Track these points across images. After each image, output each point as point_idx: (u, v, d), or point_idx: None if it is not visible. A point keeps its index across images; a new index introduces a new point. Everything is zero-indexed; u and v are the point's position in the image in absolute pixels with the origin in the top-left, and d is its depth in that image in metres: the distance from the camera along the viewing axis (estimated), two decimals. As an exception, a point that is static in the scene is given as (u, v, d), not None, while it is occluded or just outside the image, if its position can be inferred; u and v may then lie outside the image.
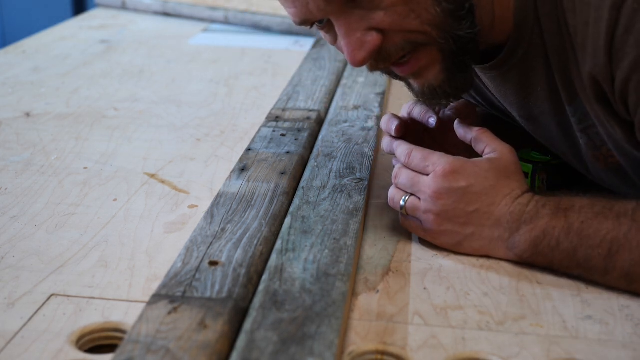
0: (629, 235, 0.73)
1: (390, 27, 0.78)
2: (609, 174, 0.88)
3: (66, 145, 1.15)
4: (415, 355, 0.65)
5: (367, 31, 0.78)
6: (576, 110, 0.82)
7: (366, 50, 0.79)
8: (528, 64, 0.83)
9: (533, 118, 0.88)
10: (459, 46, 0.79)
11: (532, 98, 0.86)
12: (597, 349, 0.67)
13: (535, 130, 0.91)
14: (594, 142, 0.84)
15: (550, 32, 0.80)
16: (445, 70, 0.81)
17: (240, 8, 2.12)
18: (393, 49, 0.80)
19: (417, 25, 0.77)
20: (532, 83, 0.84)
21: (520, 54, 0.83)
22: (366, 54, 0.79)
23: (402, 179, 0.84)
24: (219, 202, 0.88)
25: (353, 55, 0.79)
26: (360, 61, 0.80)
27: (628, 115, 0.78)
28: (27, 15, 3.45)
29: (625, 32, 0.73)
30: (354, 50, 0.79)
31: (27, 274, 0.77)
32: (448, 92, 0.84)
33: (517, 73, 0.85)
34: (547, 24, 0.80)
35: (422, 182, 0.82)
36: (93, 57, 1.71)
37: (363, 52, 0.79)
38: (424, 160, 0.82)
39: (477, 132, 0.85)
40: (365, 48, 0.79)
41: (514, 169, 0.82)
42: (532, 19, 0.81)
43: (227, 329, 0.64)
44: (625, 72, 0.74)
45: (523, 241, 0.78)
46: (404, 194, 0.84)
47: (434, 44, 0.79)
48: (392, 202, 0.86)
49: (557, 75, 0.81)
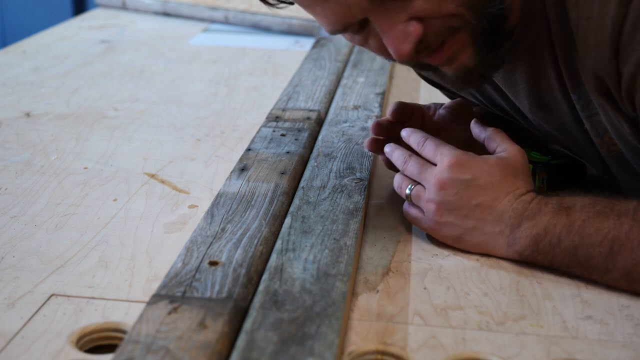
0: (630, 235, 0.73)
1: (430, 13, 0.76)
2: (611, 162, 0.88)
3: (66, 145, 1.15)
4: (415, 355, 0.65)
5: (408, 22, 0.76)
6: (579, 97, 0.82)
7: (411, 41, 0.76)
8: (537, 50, 0.83)
9: (544, 105, 0.88)
10: (491, 25, 0.78)
11: (542, 84, 0.85)
12: (597, 349, 0.67)
13: (545, 118, 0.90)
14: (596, 130, 0.84)
15: (555, 21, 0.80)
16: (478, 52, 0.80)
17: (240, 8, 2.12)
18: (433, 37, 0.78)
19: (453, 8, 0.76)
20: (542, 70, 0.84)
21: (528, 42, 0.83)
22: (411, 45, 0.77)
23: (411, 166, 0.85)
24: (219, 202, 0.88)
25: (400, 48, 0.77)
26: (407, 53, 0.77)
27: (633, 112, 0.77)
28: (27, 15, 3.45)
29: (634, 29, 0.73)
30: (400, 43, 0.77)
31: (27, 274, 0.77)
32: (482, 72, 0.82)
33: (526, 60, 0.85)
34: (552, 12, 0.80)
35: (429, 171, 0.82)
36: (93, 57, 1.71)
37: (408, 44, 0.77)
38: (435, 149, 0.83)
39: (490, 132, 0.87)
40: (409, 39, 0.76)
41: (521, 168, 0.82)
42: (539, 8, 0.80)
43: (227, 329, 0.64)
44: (633, 69, 0.74)
45: (524, 237, 0.78)
46: (411, 182, 0.85)
47: (468, 27, 0.77)
48: (399, 190, 0.86)
49: (561, 64, 0.81)
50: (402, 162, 0.86)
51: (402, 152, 0.87)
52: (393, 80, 1.54)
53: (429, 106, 1.02)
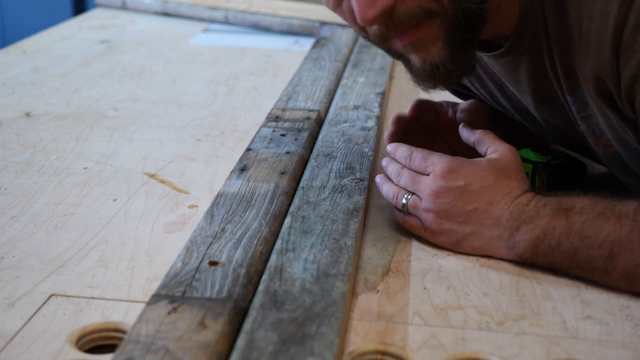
0: (631, 237, 0.73)
1: None
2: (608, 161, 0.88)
3: (66, 145, 1.15)
4: (415, 355, 0.65)
5: None
6: (576, 99, 0.82)
7: (378, 7, 0.74)
8: (536, 50, 0.83)
9: (548, 101, 0.87)
10: (467, 20, 0.77)
11: (544, 81, 0.85)
12: (597, 349, 0.67)
13: (551, 112, 0.89)
14: (592, 131, 0.84)
15: (553, 22, 0.79)
16: (448, 46, 0.78)
17: (240, 8, 2.12)
18: (405, 15, 0.76)
19: None
20: (543, 68, 0.84)
21: (528, 42, 0.83)
22: (377, 11, 0.75)
23: (404, 178, 0.85)
24: (218, 202, 0.88)
25: (364, 11, 0.75)
26: (371, 19, 0.75)
27: (632, 114, 0.77)
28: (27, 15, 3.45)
29: (635, 30, 0.72)
30: (366, 6, 0.75)
31: (27, 274, 0.77)
32: (450, 69, 0.80)
33: (528, 58, 0.84)
34: (551, 14, 0.79)
35: (422, 182, 0.82)
36: (93, 57, 1.71)
37: (375, 10, 0.74)
38: (424, 160, 0.83)
39: (479, 134, 0.86)
40: (377, 5, 0.74)
41: (514, 168, 0.82)
42: (537, 8, 0.80)
43: (227, 329, 0.64)
44: (633, 71, 0.74)
45: (523, 241, 0.78)
46: (406, 192, 0.85)
47: (443, 16, 0.76)
48: (393, 200, 0.86)
49: (558, 65, 0.81)
50: (395, 175, 0.86)
51: (395, 166, 0.87)
52: (393, 80, 1.54)
53: (442, 104, 1.03)
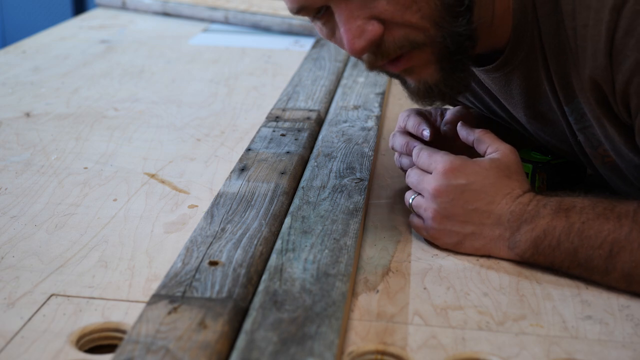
0: (630, 237, 0.73)
1: (392, 17, 0.76)
2: (606, 172, 0.88)
3: (66, 145, 1.15)
4: (415, 355, 0.65)
5: (368, 20, 0.77)
6: (573, 110, 0.83)
7: (366, 39, 0.77)
8: (530, 64, 0.83)
9: (541, 115, 0.88)
10: (455, 44, 0.78)
11: (538, 96, 0.85)
12: (597, 349, 0.67)
13: (543, 128, 0.90)
14: (590, 142, 0.85)
15: (549, 34, 0.80)
16: (441, 69, 0.80)
17: (240, 8, 2.12)
18: (392, 46, 0.78)
19: (417, 19, 0.76)
20: (537, 82, 0.84)
21: (522, 55, 0.83)
22: (365, 42, 0.77)
23: (412, 177, 0.86)
24: (219, 202, 0.88)
25: (352, 43, 0.77)
26: (360, 50, 0.78)
27: (629, 118, 0.77)
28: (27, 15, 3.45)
29: (626, 35, 0.73)
30: (354, 37, 0.77)
31: (27, 274, 0.77)
32: (443, 91, 0.83)
33: (521, 73, 0.85)
34: (546, 25, 0.80)
35: (425, 180, 0.83)
36: (93, 57, 1.71)
37: (362, 41, 0.77)
38: (428, 158, 0.83)
39: (479, 133, 0.86)
40: (365, 37, 0.77)
41: (515, 168, 0.82)
42: (531, 21, 0.81)
43: (227, 329, 0.64)
44: (626, 75, 0.74)
45: (524, 241, 0.78)
46: (413, 192, 0.85)
47: (431, 45, 0.78)
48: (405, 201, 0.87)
49: (555, 77, 0.81)
50: (406, 175, 0.87)
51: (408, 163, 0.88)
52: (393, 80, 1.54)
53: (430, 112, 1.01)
